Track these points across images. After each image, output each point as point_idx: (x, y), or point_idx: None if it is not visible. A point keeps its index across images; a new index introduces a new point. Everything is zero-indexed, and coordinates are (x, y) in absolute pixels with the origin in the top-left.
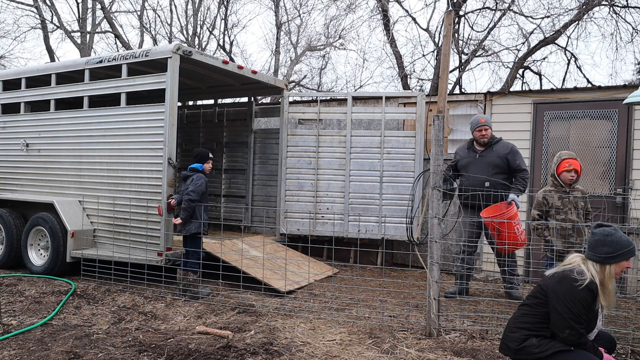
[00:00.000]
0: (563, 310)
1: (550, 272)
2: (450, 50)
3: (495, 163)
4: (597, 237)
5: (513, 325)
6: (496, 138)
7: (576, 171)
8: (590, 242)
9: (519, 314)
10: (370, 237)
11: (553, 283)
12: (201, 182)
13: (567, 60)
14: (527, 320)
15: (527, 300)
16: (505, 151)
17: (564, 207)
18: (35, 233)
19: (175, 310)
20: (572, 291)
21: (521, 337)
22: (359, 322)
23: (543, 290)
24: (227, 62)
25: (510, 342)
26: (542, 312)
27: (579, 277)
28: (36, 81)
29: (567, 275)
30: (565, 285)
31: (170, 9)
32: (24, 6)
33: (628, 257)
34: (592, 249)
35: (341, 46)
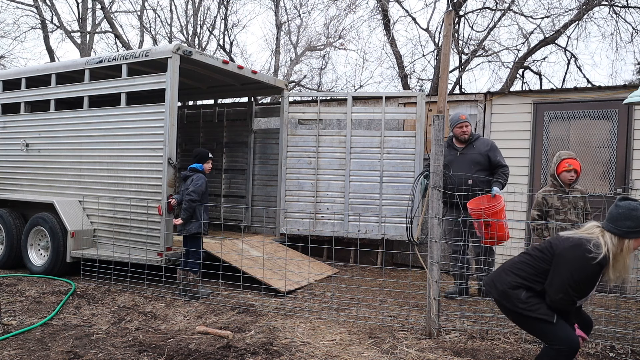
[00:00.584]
0: (566, 276)
1: (565, 234)
2: (450, 50)
3: (477, 160)
4: (621, 211)
5: (508, 268)
6: (475, 134)
7: (576, 171)
8: (612, 215)
9: (518, 260)
10: (370, 237)
11: (565, 246)
12: (201, 182)
13: (567, 60)
14: (524, 268)
15: (531, 251)
16: (486, 148)
17: (563, 207)
18: (35, 233)
19: (175, 310)
20: (582, 261)
21: (512, 283)
22: (359, 322)
23: (552, 248)
24: (227, 62)
25: (499, 282)
26: (542, 268)
27: (594, 250)
28: (36, 81)
29: (582, 244)
30: (576, 253)
31: (170, 9)
32: (24, 6)
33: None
34: (613, 221)
35: (341, 46)
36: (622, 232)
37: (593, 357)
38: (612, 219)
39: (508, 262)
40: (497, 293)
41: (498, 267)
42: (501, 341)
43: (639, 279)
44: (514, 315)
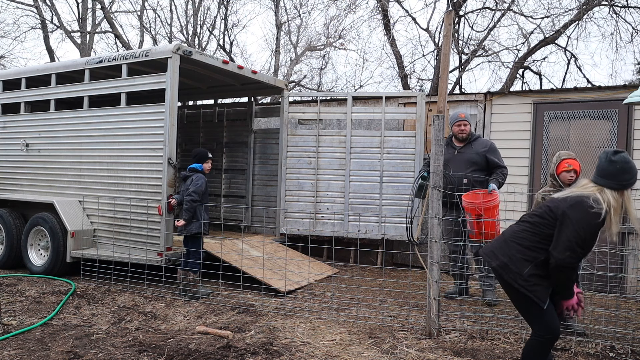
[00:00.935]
0: (571, 234)
1: (560, 195)
2: (450, 50)
3: (474, 160)
4: (619, 166)
5: (510, 239)
6: (475, 134)
7: (575, 171)
8: (610, 171)
9: (519, 229)
10: (370, 237)
11: (566, 206)
12: (201, 182)
13: (567, 60)
14: (527, 237)
15: (530, 217)
16: (484, 148)
17: None
18: (35, 233)
19: (175, 310)
20: (586, 217)
21: (516, 255)
22: (359, 322)
23: (552, 212)
24: (227, 62)
25: (501, 253)
26: (545, 233)
27: (595, 205)
28: (36, 81)
29: (582, 201)
30: (579, 210)
31: (170, 9)
32: (24, 6)
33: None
34: (612, 177)
35: (341, 46)
36: (622, 186)
37: (593, 357)
38: (611, 175)
39: (507, 231)
40: (498, 263)
41: (497, 237)
42: (501, 341)
43: (639, 279)
44: (509, 288)
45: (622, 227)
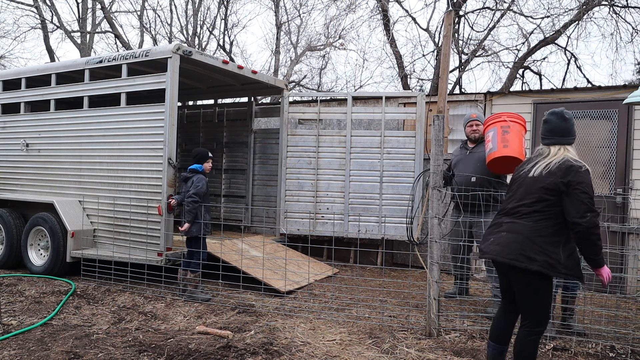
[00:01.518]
0: (583, 196)
1: (538, 171)
2: (450, 50)
3: (484, 158)
4: (572, 122)
5: (532, 235)
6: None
7: None
8: (565, 129)
9: (531, 222)
10: (370, 237)
11: (562, 177)
12: (202, 183)
13: (567, 60)
14: (545, 225)
15: (533, 206)
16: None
17: None
18: (35, 233)
19: (175, 310)
20: (584, 177)
21: (549, 248)
22: (359, 322)
23: (551, 190)
24: (227, 62)
25: (533, 253)
26: (556, 212)
27: (579, 164)
28: (36, 81)
29: (569, 165)
30: (576, 174)
31: (170, 9)
32: (24, 6)
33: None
34: (569, 134)
35: (341, 46)
36: (574, 139)
37: (593, 357)
38: (567, 132)
39: (518, 231)
40: (539, 264)
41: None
42: None
43: (639, 279)
44: (537, 282)
45: (622, 227)
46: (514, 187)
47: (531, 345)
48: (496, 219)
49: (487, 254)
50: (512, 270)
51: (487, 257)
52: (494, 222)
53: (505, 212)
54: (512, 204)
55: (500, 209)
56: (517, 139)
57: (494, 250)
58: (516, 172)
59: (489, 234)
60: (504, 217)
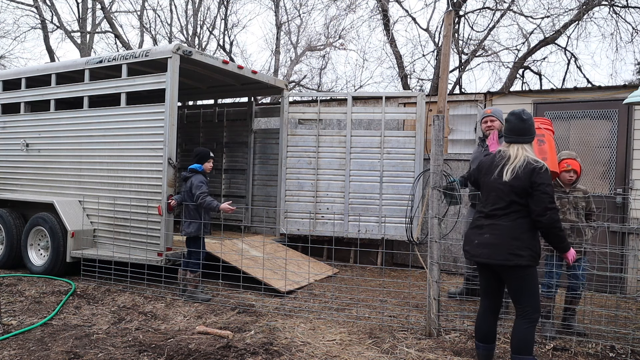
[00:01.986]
0: (544, 195)
1: (507, 175)
2: (450, 50)
3: None
4: (530, 122)
5: (514, 234)
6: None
7: (575, 171)
8: (522, 128)
9: (509, 221)
10: (370, 237)
11: (524, 178)
12: (201, 185)
13: (567, 60)
14: (523, 222)
15: (509, 208)
16: None
17: (562, 207)
18: (35, 233)
19: (175, 310)
20: (544, 177)
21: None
22: (359, 322)
23: (518, 193)
24: (227, 62)
25: (519, 249)
26: (528, 210)
27: (539, 165)
28: (36, 81)
29: (532, 168)
30: (537, 175)
31: (170, 9)
32: (24, 6)
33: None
34: (526, 132)
35: (341, 46)
36: (532, 138)
37: (593, 357)
38: (525, 131)
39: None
40: (527, 259)
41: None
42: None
43: (639, 279)
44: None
45: (622, 227)
46: (486, 191)
47: (530, 334)
48: (476, 220)
49: (476, 256)
50: (503, 269)
51: (477, 259)
52: (475, 225)
53: (484, 215)
54: (488, 207)
55: (478, 210)
56: (552, 150)
57: (483, 254)
58: (484, 175)
59: (472, 235)
60: (482, 219)
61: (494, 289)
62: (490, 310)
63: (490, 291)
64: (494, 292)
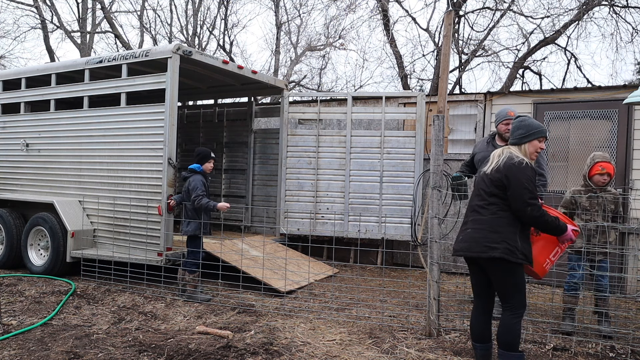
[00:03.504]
0: (522, 190)
1: (489, 169)
2: (450, 50)
3: None
4: (514, 124)
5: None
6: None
7: (609, 174)
8: (511, 130)
9: (488, 215)
10: (370, 237)
11: (504, 173)
12: (199, 186)
13: (567, 60)
14: (502, 216)
15: (488, 199)
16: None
17: (591, 208)
18: (35, 233)
19: (175, 310)
20: (523, 172)
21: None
22: (359, 322)
23: (497, 186)
24: (227, 62)
25: (492, 242)
26: (508, 204)
27: (518, 159)
28: (36, 81)
29: (511, 163)
30: (516, 170)
31: (170, 9)
32: (24, 6)
33: (539, 137)
34: (510, 134)
35: (341, 46)
36: (517, 140)
37: (593, 357)
38: (510, 133)
39: (477, 223)
40: (501, 251)
41: (464, 233)
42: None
43: (639, 279)
44: (504, 269)
45: (622, 227)
46: (475, 187)
47: (516, 329)
48: (465, 218)
49: (458, 251)
50: (484, 263)
51: (459, 254)
52: (463, 222)
53: (470, 210)
54: (473, 201)
55: (467, 209)
56: (544, 251)
57: (463, 248)
58: (477, 173)
59: (460, 232)
60: (469, 214)
61: (484, 288)
62: (483, 309)
63: (481, 290)
64: (484, 290)
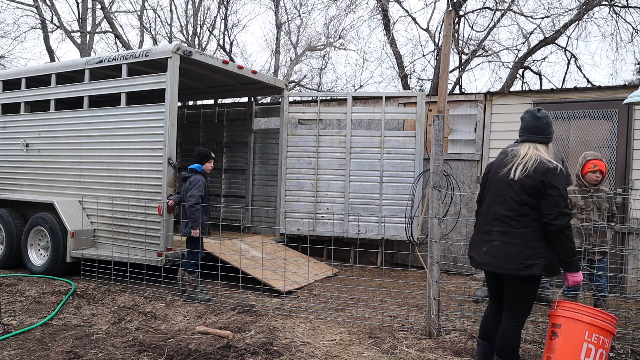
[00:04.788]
0: (559, 198)
1: (516, 172)
2: (450, 50)
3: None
4: (545, 120)
5: (525, 241)
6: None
7: (601, 172)
8: (536, 126)
9: (520, 227)
10: (370, 237)
11: (540, 178)
12: (198, 185)
13: (567, 60)
14: (534, 227)
15: (519, 209)
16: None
17: (586, 207)
18: (35, 233)
19: (175, 310)
20: (560, 178)
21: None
22: (359, 322)
23: (529, 193)
24: (227, 62)
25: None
26: (535, 215)
27: (553, 165)
28: (36, 81)
29: (546, 168)
30: (552, 175)
31: (170, 9)
32: (24, 6)
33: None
34: (540, 132)
35: (341, 46)
36: (549, 139)
37: None
38: (539, 130)
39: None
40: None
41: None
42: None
43: (639, 279)
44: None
45: (622, 227)
46: (494, 190)
47: (517, 338)
48: (483, 225)
49: (485, 265)
50: (512, 278)
51: (486, 268)
52: (483, 230)
53: (491, 217)
54: (497, 208)
55: (482, 213)
56: (566, 353)
57: (492, 263)
58: (490, 173)
59: (480, 241)
60: (491, 223)
61: (500, 294)
62: (495, 310)
63: (496, 296)
64: (499, 296)
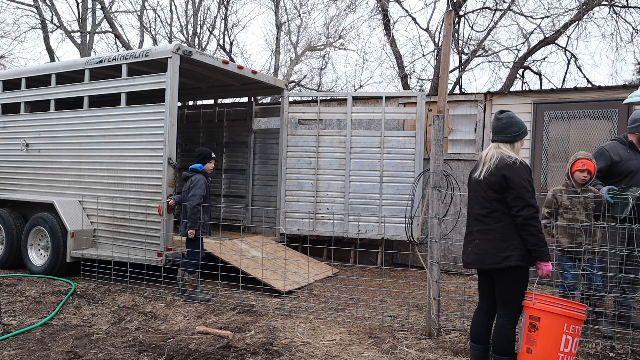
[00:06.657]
0: (522, 192)
1: (483, 173)
2: (450, 50)
3: None
4: (505, 121)
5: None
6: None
7: (589, 171)
8: (497, 127)
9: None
10: (370, 237)
11: (500, 174)
12: (200, 184)
13: (567, 60)
14: (505, 220)
15: (489, 206)
16: None
17: (572, 206)
18: (35, 233)
19: (175, 310)
20: (520, 171)
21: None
22: (359, 322)
23: (495, 190)
24: (227, 62)
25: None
26: (506, 209)
27: (512, 159)
28: (36, 81)
29: (504, 164)
30: (513, 170)
31: (170, 9)
32: (24, 6)
33: (525, 135)
34: (501, 131)
35: (341, 46)
36: (511, 138)
37: (593, 357)
38: (499, 130)
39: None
40: (515, 260)
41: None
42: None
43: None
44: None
45: (622, 227)
46: (471, 193)
47: (511, 334)
48: (467, 227)
49: (470, 264)
50: (494, 272)
51: (471, 267)
52: (467, 231)
53: (471, 218)
54: (474, 209)
55: (467, 216)
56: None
57: (475, 260)
58: (470, 177)
59: (466, 243)
60: (472, 223)
61: (492, 290)
62: (486, 310)
63: (487, 292)
64: (488, 293)
